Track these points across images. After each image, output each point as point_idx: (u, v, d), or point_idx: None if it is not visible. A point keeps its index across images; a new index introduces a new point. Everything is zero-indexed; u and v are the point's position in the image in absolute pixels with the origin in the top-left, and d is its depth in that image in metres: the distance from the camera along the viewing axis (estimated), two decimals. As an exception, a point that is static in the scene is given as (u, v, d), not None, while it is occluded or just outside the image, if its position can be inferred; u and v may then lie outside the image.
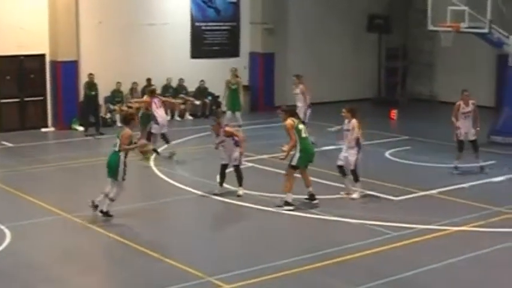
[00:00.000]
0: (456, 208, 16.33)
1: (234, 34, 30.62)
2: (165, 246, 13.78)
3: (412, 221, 15.07)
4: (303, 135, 16.17)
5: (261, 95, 30.62)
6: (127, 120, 15.73)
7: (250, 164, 19.86)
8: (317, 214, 15.71)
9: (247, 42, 30.86)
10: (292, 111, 16.65)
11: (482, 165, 19.65)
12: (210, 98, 29.35)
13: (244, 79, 29.86)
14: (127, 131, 15.28)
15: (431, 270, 12.58)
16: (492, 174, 19.34)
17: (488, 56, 30.47)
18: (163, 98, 22.71)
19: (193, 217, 16.19)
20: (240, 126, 24.07)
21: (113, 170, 15.15)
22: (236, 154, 16.84)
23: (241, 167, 17.16)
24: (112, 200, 15.15)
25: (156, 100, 21.24)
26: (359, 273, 12.60)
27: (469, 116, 19.58)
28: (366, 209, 16.12)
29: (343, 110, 17.09)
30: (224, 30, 30.41)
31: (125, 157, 15.19)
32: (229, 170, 17.15)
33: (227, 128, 17.04)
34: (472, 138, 19.58)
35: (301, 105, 22.92)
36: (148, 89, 22.39)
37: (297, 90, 23.54)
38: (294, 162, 16.09)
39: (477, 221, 15.12)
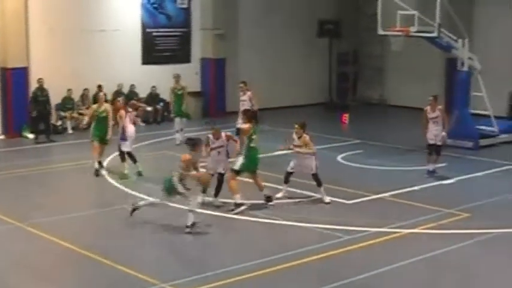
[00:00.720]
0: (408, 210, 16.48)
1: (185, 40, 30.54)
2: (117, 253, 13.67)
3: (364, 224, 15.16)
4: (252, 144, 16.35)
5: (213, 101, 30.55)
6: (195, 146, 15.17)
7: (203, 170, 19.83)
8: (270, 219, 15.73)
9: (199, 48, 30.80)
10: (253, 116, 16.84)
11: (434, 169, 19.81)
12: (161, 104, 29.21)
13: (196, 85, 29.83)
14: (186, 155, 14.84)
15: (383, 273, 12.67)
16: (442, 176, 19.56)
17: (438, 60, 30.82)
18: (138, 104, 22.08)
19: (147, 224, 16.11)
20: (181, 130, 24.11)
21: (170, 191, 14.80)
22: (226, 163, 16.67)
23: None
24: (193, 211, 14.71)
25: (129, 114, 19.99)
26: (311, 277, 12.67)
27: (437, 122, 19.73)
28: (319, 213, 16.18)
29: (296, 126, 17.14)
30: (175, 36, 30.32)
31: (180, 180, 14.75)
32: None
33: (228, 133, 16.94)
34: (439, 143, 19.74)
35: None
36: (119, 101, 20.52)
37: (245, 97, 23.53)
38: (236, 167, 16.41)
39: (428, 223, 15.29)
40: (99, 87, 26.71)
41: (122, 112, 19.69)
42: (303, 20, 33.46)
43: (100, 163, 20.11)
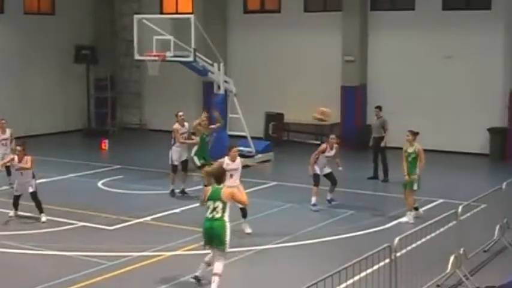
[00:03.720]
0: (170, 233, 16.53)
1: None
2: None
3: (126, 249, 15.04)
4: None
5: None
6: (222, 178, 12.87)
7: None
8: (30, 249, 15.21)
9: None
10: None
11: (331, 199, 19.54)
12: None
13: None
14: (226, 188, 12.68)
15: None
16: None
17: (195, 83, 31.36)
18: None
19: None
20: None
21: (222, 239, 12.42)
22: None
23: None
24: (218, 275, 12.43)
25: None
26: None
27: (329, 159, 19.26)
28: (80, 241, 15.84)
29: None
30: None
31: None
32: None
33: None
34: (327, 171, 19.22)
35: None
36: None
37: (6, 135, 22.01)
38: None
39: (190, 244, 15.37)
40: None
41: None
42: (59, 45, 32.93)
43: None
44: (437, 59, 27.94)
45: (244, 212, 16.30)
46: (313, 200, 18.89)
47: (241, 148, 25.10)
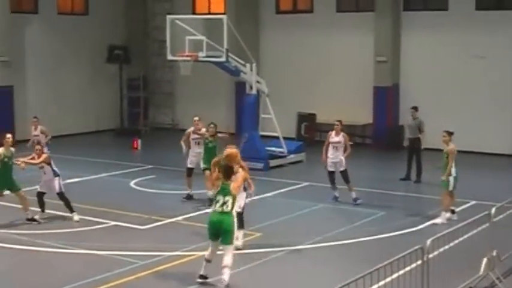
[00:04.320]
0: (201, 233, 16.50)
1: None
2: None
3: (158, 249, 15.09)
4: None
5: None
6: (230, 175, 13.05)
7: None
8: (63, 248, 15.33)
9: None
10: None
11: (355, 198, 19.48)
12: None
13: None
14: (237, 176, 13.19)
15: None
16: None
17: (227, 83, 31.42)
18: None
19: None
20: None
21: (231, 233, 12.83)
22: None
23: None
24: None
25: None
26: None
27: (336, 147, 19.39)
28: (113, 240, 15.93)
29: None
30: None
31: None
32: None
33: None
34: (341, 169, 19.33)
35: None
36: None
37: (37, 132, 22.97)
38: None
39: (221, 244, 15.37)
40: None
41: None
42: (92, 45, 33.18)
43: None
44: (469, 59, 27.75)
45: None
46: (334, 194, 19.60)
47: (273, 148, 25.23)
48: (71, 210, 17.48)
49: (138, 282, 13.34)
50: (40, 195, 17.54)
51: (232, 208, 12.72)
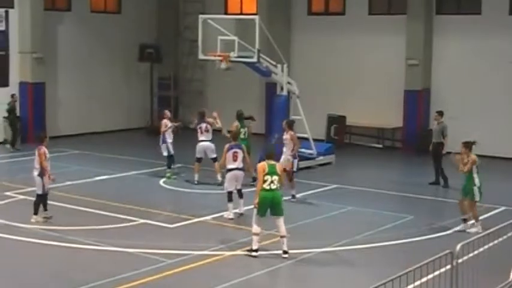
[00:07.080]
0: (230, 233, 16.61)
1: (3, 63, 29.52)
2: None
3: (186, 248, 15.14)
4: None
5: (31, 126, 29.57)
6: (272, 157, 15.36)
7: (22, 197, 19.29)
8: (92, 244, 15.42)
9: (17, 71, 29.85)
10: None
11: (293, 195, 19.89)
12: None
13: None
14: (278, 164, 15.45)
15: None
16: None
17: (258, 84, 31.44)
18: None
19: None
20: None
21: (282, 205, 15.03)
22: None
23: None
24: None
25: None
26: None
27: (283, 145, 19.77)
28: (141, 238, 15.99)
29: None
30: (-8, 59, 29.33)
31: None
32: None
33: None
34: (287, 168, 19.27)
35: None
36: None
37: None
38: None
39: (250, 245, 15.37)
40: None
41: None
42: (124, 44, 33.36)
43: None
44: (502, 64, 27.55)
45: (241, 193, 18.14)
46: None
47: (302, 150, 25.16)
48: (35, 212, 17.10)
49: (165, 281, 13.39)
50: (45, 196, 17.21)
51: (278, 185, 14.72)
